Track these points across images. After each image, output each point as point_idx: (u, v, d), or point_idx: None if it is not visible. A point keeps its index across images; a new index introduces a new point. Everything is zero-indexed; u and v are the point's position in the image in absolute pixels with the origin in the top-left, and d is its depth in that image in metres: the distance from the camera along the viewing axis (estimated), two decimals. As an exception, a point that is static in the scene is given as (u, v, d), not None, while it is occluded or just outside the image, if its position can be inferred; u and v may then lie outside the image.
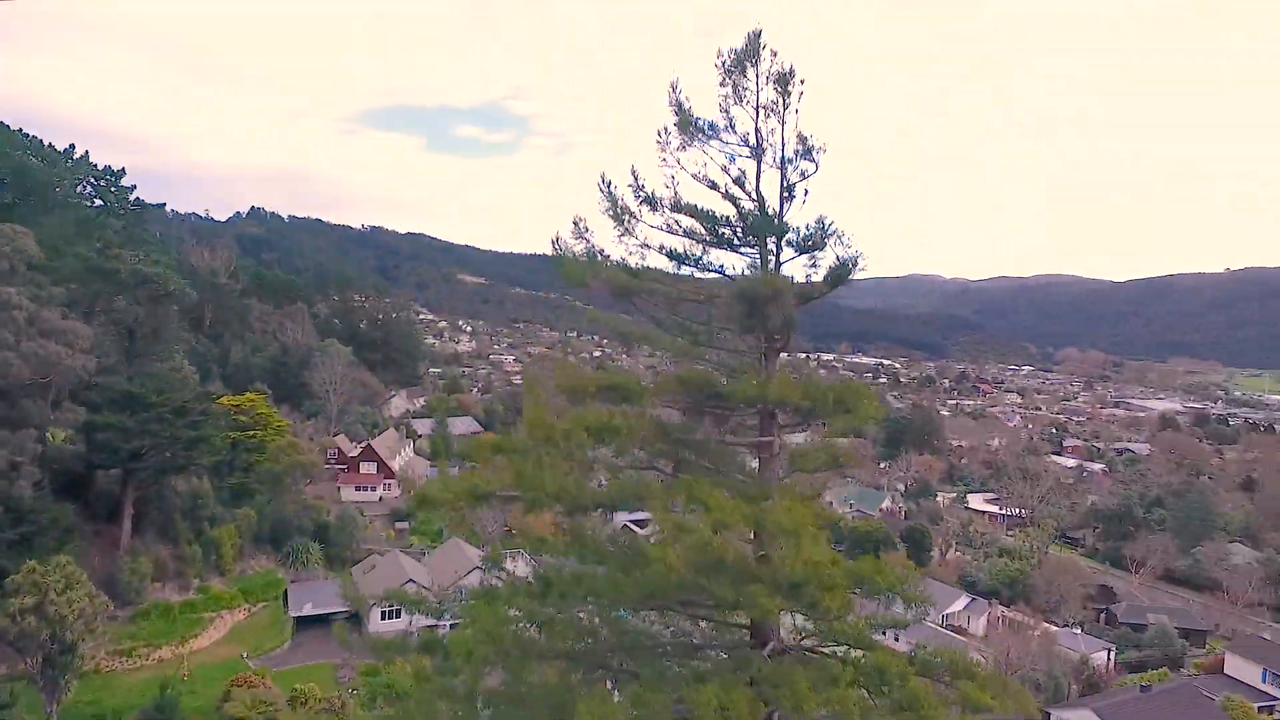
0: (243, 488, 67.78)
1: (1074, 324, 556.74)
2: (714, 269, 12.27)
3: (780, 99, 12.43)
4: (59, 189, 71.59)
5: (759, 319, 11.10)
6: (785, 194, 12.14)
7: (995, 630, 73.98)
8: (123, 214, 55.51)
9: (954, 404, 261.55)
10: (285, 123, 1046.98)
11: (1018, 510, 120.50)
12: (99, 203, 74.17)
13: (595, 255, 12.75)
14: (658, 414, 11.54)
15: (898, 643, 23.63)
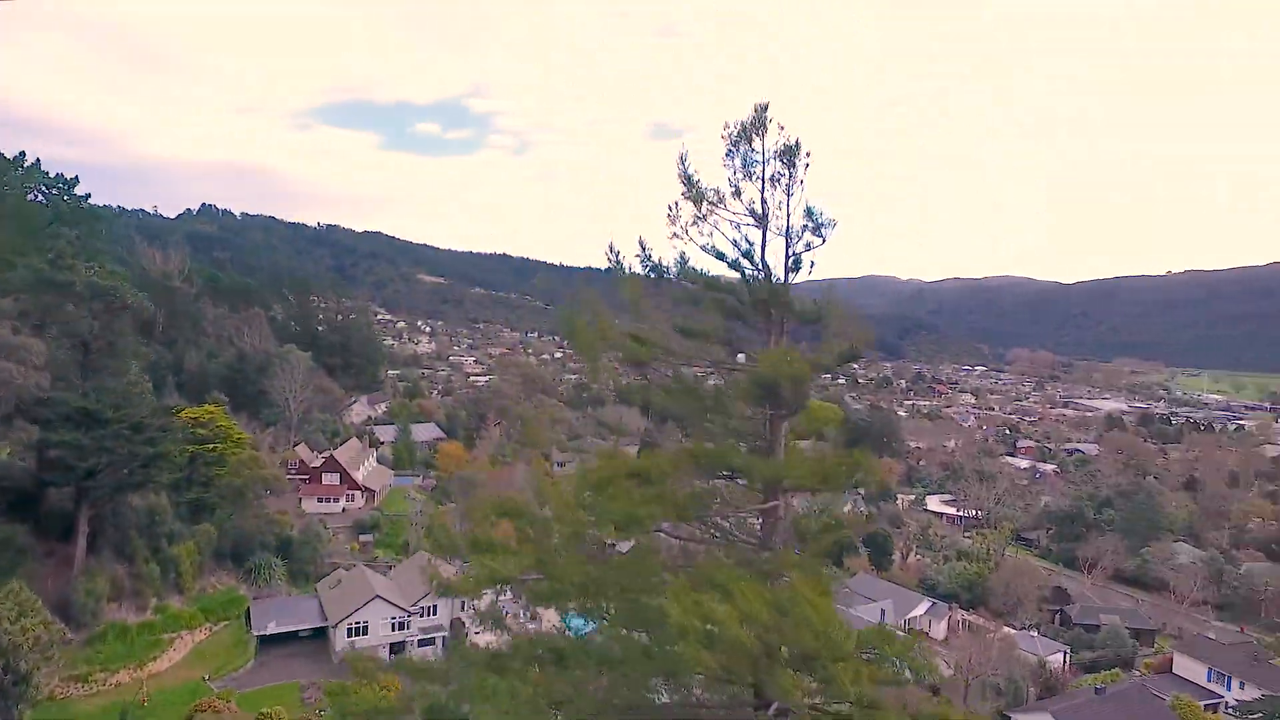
0: (202, 503, 66.09)
1: (1025, 324, 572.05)
2: (721, 339, 12.49)
3: (787, 171, 12.67)
4: (9, 198, 68.87)
5: (774, 398, 11.34)
6: (791, 266, 12.39)
7: (956, 634, 75.54)
8: (76, 223, 53.60)
9: (911, 405, 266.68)
10: (237, 117, 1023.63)
11: (974, 512, 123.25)
12: (50, 212, 71.64)
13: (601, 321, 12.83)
14: (674, 488, 11.66)
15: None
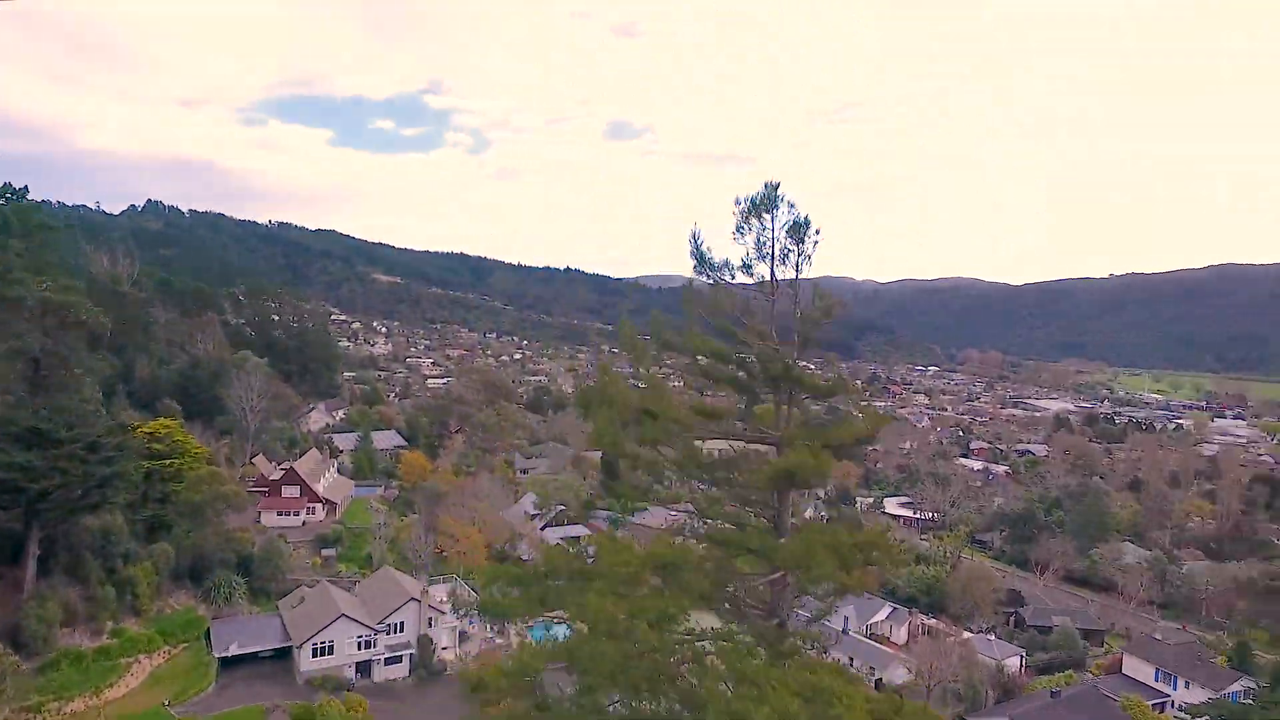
0: (159, 520, 64.36)
1: (976, 325, 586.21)
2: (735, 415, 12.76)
3: (795, 248, 12.96)
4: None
5: (791, 483, 11.63)
6: (801, 343, 12.69)
7: (916, 639, 77.12)
8: (26, 235, 51.63)
9: (867, 405, 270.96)
10: (183, 110, 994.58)
11: (931, 514, 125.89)
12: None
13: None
14: (698, 578, 11.84)
15: (827, 655, 24.57)
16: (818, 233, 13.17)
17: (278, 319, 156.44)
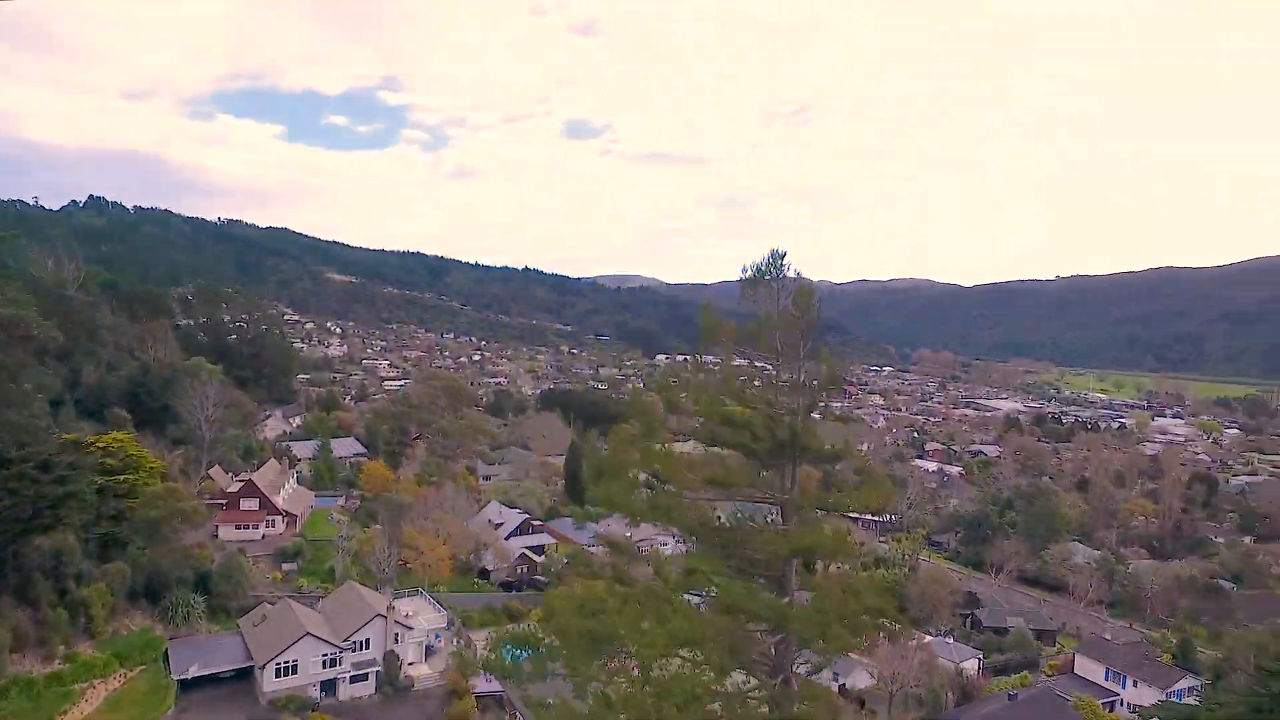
0: (113, 538, 62.34)
1: (929, 326, 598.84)
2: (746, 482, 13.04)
3: (800, 314, 13.29)
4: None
5: (805, 555, 12.00)
6: (806, 411, 13.03)
7: (878, 644, 78.34)
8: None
9: (823, 406, 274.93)
10: (126, 102, 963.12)
11: (890, 517, 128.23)
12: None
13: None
14: (717, 652, 12.07)
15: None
16: (819, 301, 13.54)
17: (231, 321, 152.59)
